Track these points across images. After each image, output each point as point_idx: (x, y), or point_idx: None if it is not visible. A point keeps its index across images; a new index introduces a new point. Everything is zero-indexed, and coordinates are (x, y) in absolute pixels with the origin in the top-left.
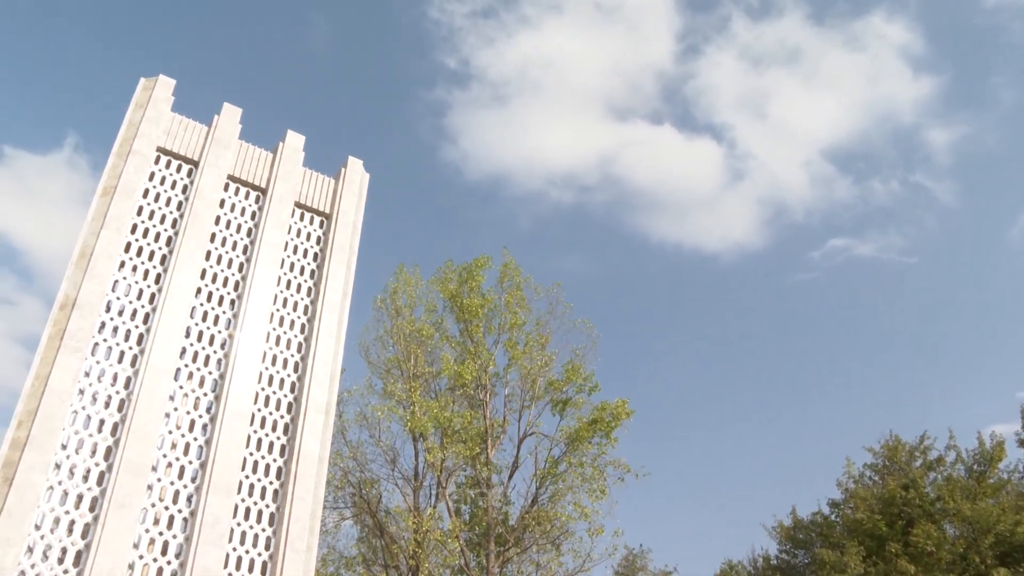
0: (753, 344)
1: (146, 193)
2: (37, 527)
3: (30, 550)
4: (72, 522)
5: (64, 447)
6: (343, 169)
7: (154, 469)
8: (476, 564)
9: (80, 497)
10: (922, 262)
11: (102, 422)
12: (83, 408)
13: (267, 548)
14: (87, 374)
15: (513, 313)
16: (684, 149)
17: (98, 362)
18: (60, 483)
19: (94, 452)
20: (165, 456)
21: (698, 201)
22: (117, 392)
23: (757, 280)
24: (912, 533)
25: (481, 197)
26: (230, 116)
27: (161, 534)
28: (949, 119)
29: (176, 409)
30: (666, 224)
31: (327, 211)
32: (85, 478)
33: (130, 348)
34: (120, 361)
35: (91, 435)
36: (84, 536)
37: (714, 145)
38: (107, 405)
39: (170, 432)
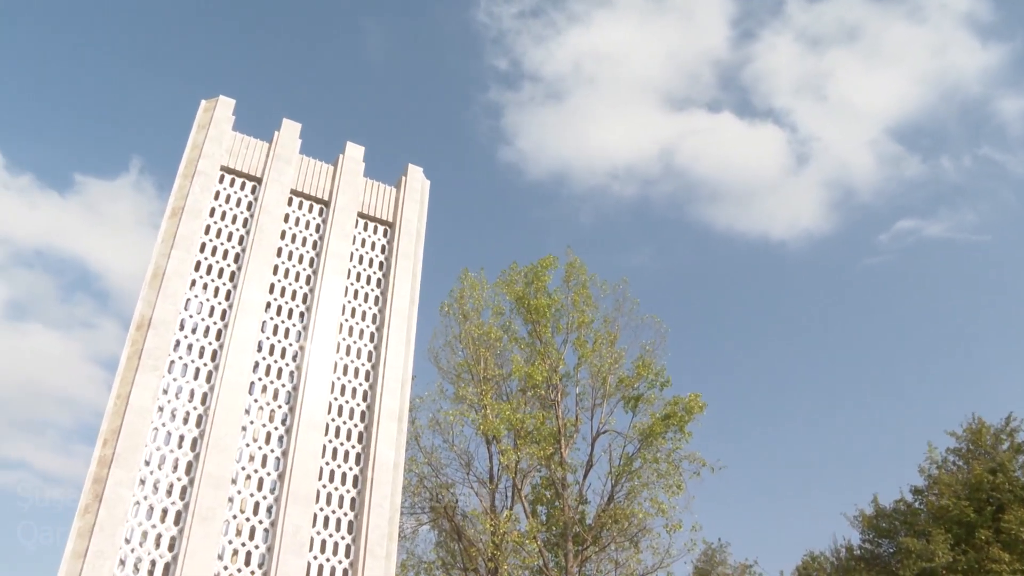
0: (824, 331)
1: (212, 212)
2: (127, 540)
3: (122, 563)
4: (159, 535)
5: (147, 463)
6: (403, 177)
7: (234, 482)
8: (555, 564)
9: (165, 511)
10: (997, 239)
11: (182, 437)
12: (163, 424)
13: (347, 556)
14: (165, 391)
15: (580, 311)
16: (745, 136)
17: (175, 379)
18: (146, 498)
19: (176, 467)
20: (244, 468)
21: (762, 188)
22: (195, 408)
23: (826, 266)
24: (1003, 519)
25: (542, 196)
26: (290, 131)
27: (244, 544)
28: (1021, 87)
29: (252, 422)
30: (731, 213)
31: (390, 220)
32: (169, 492)
33: (205, 364)
34: (196, 377)
35: (172, 450)
36: (171, 549)
37: (775, 130)
38: (186, 421)
39: (247, 445)
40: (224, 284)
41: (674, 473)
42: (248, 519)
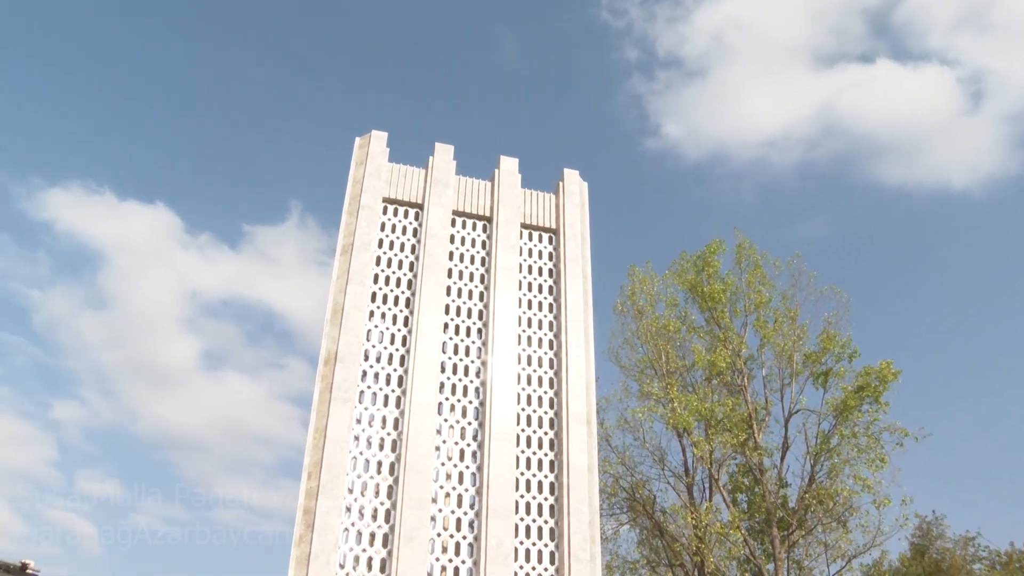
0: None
1: (380, 243)
2: (341, 566)
3: None
4: (370, 558)
5: (351, 490)
6: (560, 183)
7: (434, 501)
8: (761, 552)
9: (373, 535)
10: None
11: (380, 463)
12: (360, 453)
13: (552, 563)
14: (358, 421)
15: (756, 292)
16: (907, 82)
17: (366, 408)
18: (353, 524)
19: (378, 492)
20: (442, 487)
21: (934, 134)
22: (388, 433)
23: (1017, 210)
24: None
25: (699, 179)
26: (443, 154)
27: (451, 561)
28: None
29: (444, 442)
30: (902, 166)
31: (553, 227)
32: (374, 517)
33: (393, 391)
34: (386, 404)
35: (372, 476)
36: (382, 570)
37: (940, 70)
38: (381, 447)
39: (442, 464)
40: (401, 311)
41: (875, 446)
42: (452, 535)
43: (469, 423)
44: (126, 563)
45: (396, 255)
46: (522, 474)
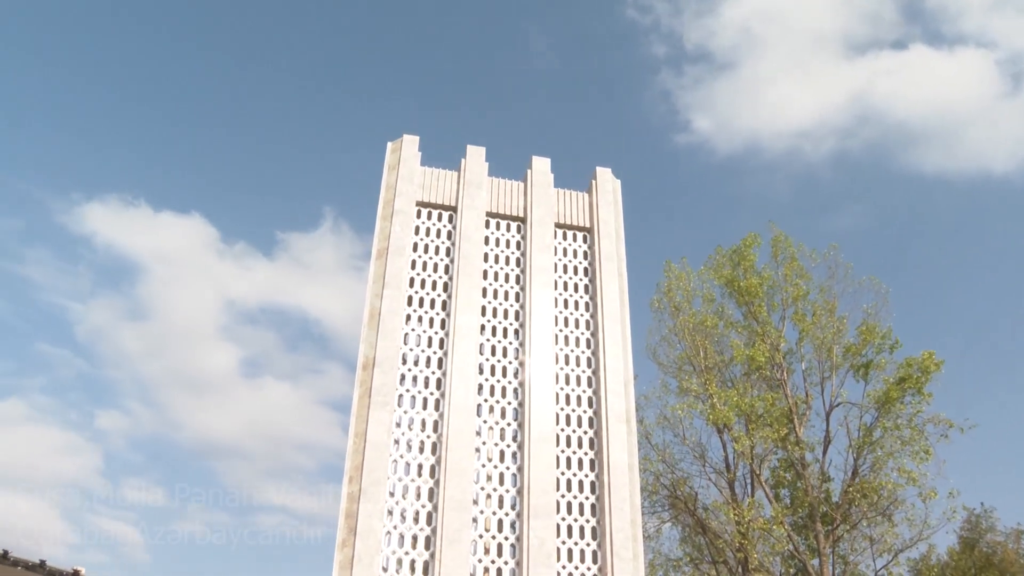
0: None
1: (415, 247)
2: (384, 569)
3: None
4: (412, 561)
5: (392, 494)
6: (593, 181)
7: (475, 502)
8: (805, 547)
9: (415, 538)
10: None
11: (420, 466)
12: (401, 456)
13: (595, 562)
14: (398, 424)
15: (793, 285)
16: (943, 66)
17: (405, 412)
18: (395, 527)
19: (419, 495)
20: (483, 489)
21: (973, 119)
22: (428, 436)
23: None
24: None
25: (731, 173)
26: (475, 156)
27: (493, 562)
28: None
29: (484, 443)
30: (940, 153)
31: (587, 225)
32: (416, 519)
33: (432, 394)
34: (425, 407)
35: (413, 480)
36: (425, 573)
37: (977, 52)
38: (421, 450)
39: (483, 466)
40: (438, 314)
41: (919, 438)
42: (494, 537)
43: (508, 424)
44: (172, 569)
45: (431, 258)
46: (563, 474)
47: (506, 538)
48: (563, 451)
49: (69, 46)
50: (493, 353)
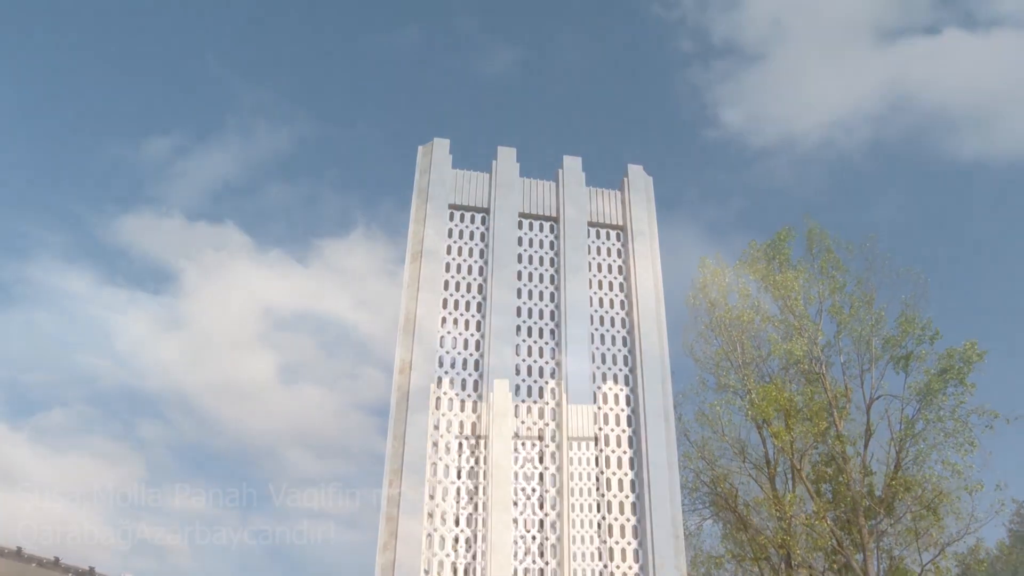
0: None
1: (449, 250)
2: (426, 572)
3: None
4: (454, 563)
5: (431, 496)
6: (625, 179)
7: (515, 504)
8: (849, 542)
9: (456, 539)
10: None
11: (459, 469)
12: (440, 459)
13: (636, 560)
14: (436, 427)
15: (830, 278)
16: (978, 49)
17: (443, 415)
18: (436, 530)
19: (458, 497)
20: (523, 490)
21: (1011, 102)
22: (466, 438)
23: None
24: None
25: (765, 166)
26: (506, 157)
27: (534, 563)
28: None
29: (523, 444)
30: (978, 138)
31: (620, 223)
32: (456, 522)
33: (468, 396)
34: (462, 409)
35: (452, 482)
36: (467, 575)
37: (1014, 33)
38: (460, 452)
39: (521, 466)
40: (473, 316)
41: (963, 430)
42: (534, 537)
43: (547, 424)
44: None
45: (464, 260)
46: (602, 472)
47: (546, 538)
48: (601, 450)
49: (98, 62)
50: (529, 354)
